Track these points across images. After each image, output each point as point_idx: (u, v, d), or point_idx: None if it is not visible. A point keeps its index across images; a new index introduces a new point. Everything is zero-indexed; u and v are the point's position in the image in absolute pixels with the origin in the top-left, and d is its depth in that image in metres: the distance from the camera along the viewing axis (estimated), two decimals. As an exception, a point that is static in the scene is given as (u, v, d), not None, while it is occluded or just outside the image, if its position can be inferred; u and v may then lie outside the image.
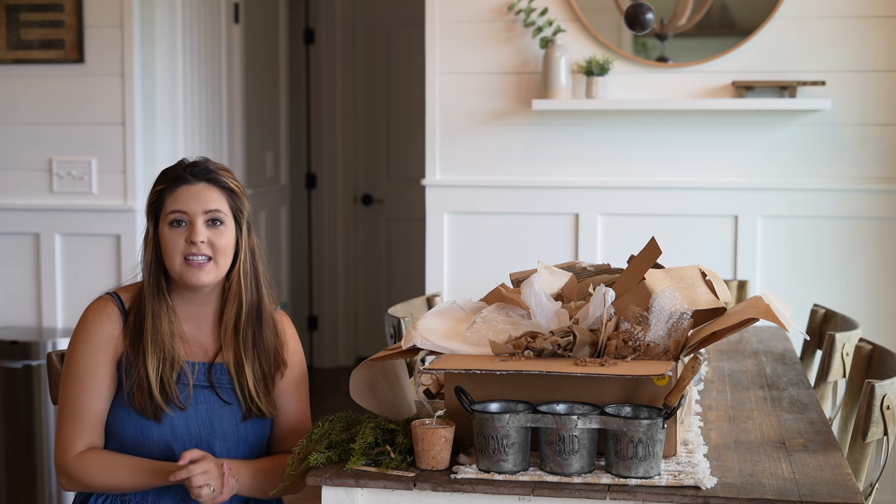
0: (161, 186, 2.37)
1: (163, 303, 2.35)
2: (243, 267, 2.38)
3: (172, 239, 2.32)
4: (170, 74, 4.66)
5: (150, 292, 2.35)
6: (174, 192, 2.35)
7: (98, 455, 2.32)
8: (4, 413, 4.33)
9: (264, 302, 2.42)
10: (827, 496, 1.94)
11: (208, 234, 2.33)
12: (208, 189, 2.35)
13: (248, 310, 2.39)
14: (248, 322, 2.39)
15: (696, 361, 2.10)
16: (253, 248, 2.41)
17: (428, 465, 2.07)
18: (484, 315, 2.37)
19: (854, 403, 2.92)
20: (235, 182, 2.41)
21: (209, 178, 2.37)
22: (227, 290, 2.39)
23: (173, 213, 2.33)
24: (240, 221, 2.38)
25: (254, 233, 2.43)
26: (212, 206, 2.34)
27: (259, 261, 2.43)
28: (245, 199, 2.41)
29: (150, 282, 2.36)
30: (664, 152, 4.25)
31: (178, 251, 2.32)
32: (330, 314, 6.92)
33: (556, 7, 4.24)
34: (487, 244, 4.35)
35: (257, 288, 2.41)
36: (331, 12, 6.77)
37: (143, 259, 2.38)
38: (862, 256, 4.17)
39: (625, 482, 1.99)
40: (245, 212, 2.40)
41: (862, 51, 4.11)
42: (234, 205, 2.38)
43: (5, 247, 4.56)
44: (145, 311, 2.34)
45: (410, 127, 6.66)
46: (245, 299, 2.39)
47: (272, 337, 2.43)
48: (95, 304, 2.38)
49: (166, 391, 2.31)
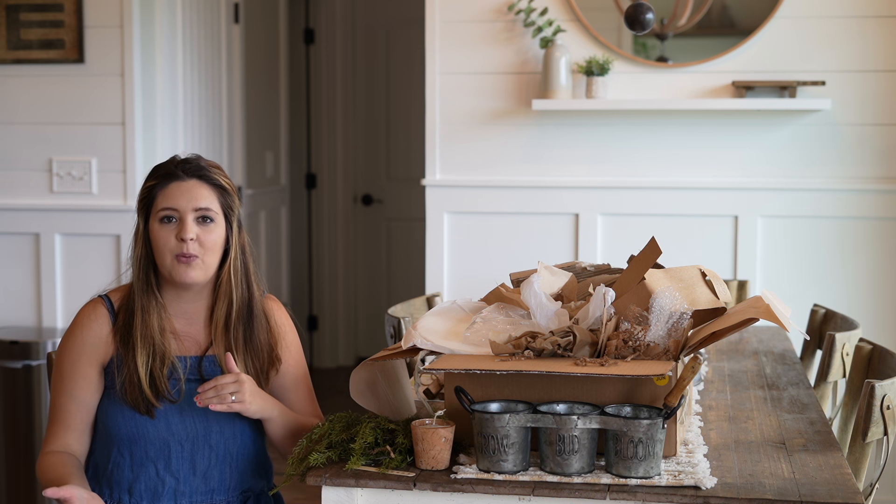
0: (152, 182, 2.37)
1: (152, 298, 2.36)
2: (234, 264, 2.39)
3: (163, 236, 2.33)
4: (170, 74, 4.66)
5: (139, 288, 2.36)
6: (165, 188, 2.35)
7: (53, 457, 2.33)
8: (4, 413, 4.33)
9: (255, 299, 2.43)
10: (827, 496, 1.94)
11: (198, 230, 2.33)
12: (199, 186, 2.36)
13: (238, 307, 2.40)
14: (239, 319, 2.40)
15: (696, 361, 2.10)
16: (243, 245, 2.42)
17: (428, 465, 2.07)
18: (484, 315, 2.37)
19: (854, 403, 2.92)
20: (227, 179, 2.41)
21: (200, 175, 2.37)
22: (218, 287, 2.40)
23: (164, 209, 2.34)
24: (230, 219, 2.39)
25: (244, 230, 2.43)
26: (202, 204, 2.34)
27: (249, 258, 2.43)
28: (236, 196, 2.41)
29: (139, 277, 2.36)
30: (664, 152, 4.25)
31: (169, 248, 2.32)
32: (330, 314, 6.92)
33: (556, 7, 4.24)
34: (487, 244, 4.35)
35: (248, 285, 2.42)
36: (331, 12, 6.77)
37: (133, 255, 2.39)
38: (862, 256, 4.17)
39: (625, 482, 1.99)
40: (236, 209, 2.40)
41: (862, 51, 4.11)
42: (225, 202, 2.38)
43: (5, 247, 4.56)
44: (135, 307, 2.35)
45: (410, 127, 6.66)
46: (236, 297, 2.39)
47: (264, 334, 2.43)
48: (85, 308, 2.41)
49: (156, 386, 2.32)
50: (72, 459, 2.34)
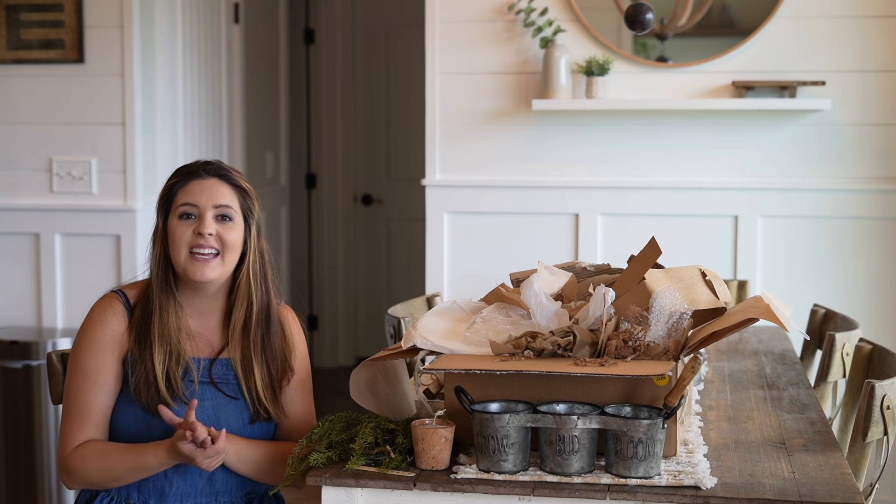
0: (174, 180, 2.39)
1: (170, 297, 2.35)
2: (252, 267, 2.39)
3: (180, 231, 2.33)
4: (170, 74, 4.66)
5: (157, 286, 2.35)
6: (186, 185, 2.36)
7: (91, 445, 2.32)
8: (4, 413, 4.33)
9: (272, 305, 2.43)
10: (827, 496, 1.94)
11: (217, 228, 2.33)
12: (219, 185, 2.37)
13: (257, 311, 2.39)
14: (258, 323, 2.39)
15: (696, 361, 2.10)
16: (262, 250, 2.42)
17: (428, 465, 2.07)
18: (484, 315, 2.37)
19: (854, 403, 2.92)
20: (247, 183, 2.43)
21: (221, 174, 2.38)
22: (236, 289, 2.39)
23: (183, 205, 2.34)
24: (249, 221, 2.39)
25: (263, 236, 2.44)
26: (222, 202, 2.35)
27: (268, 264, 2.43)
28: (256, 200, 2.43)
29: (157, 276, 2.36)
30: (664, 152, 4.25)
31: (185, 243, 2.32)
32: (330, 314, 6.92)
33: (556, 7, 4.24)
34: (487, 244, 4.35)
35: (266, 290, 2.41)
36: (331, 12, 6.77)
37: (152, 254, 2.39)
38: (862, 256, 4.17)
39: (625, 482, 1.99)
40: (255, 213, 2.41)
41: (862, 51, 4.11)
42: (245, 204, 2.39)
43: (5, 247, 4.56)
44: (153, 306, 2.34)
45: (410, 127, 6.66)
46: (255, 300, 2.39)
47: (280, 341, 2.43)
48: (101, 302, 2.39)
49: (172, 385, 2.31)
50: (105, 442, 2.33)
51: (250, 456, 2.35)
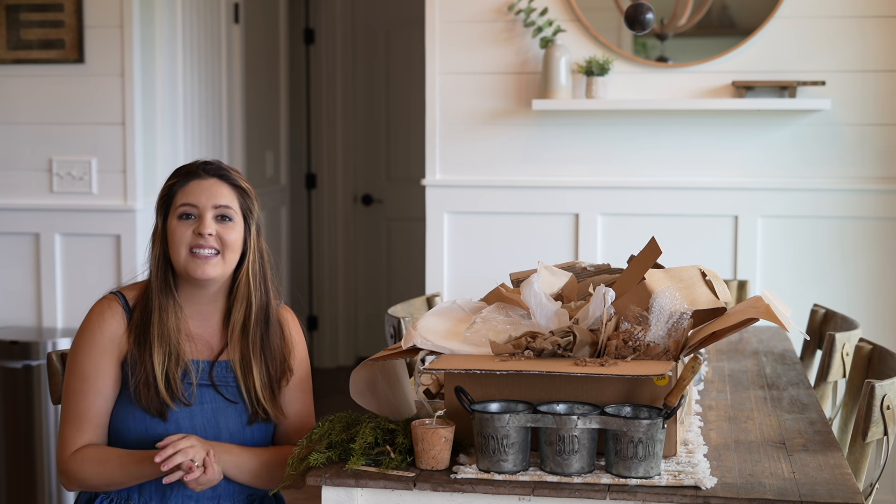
0: (173, 181, 2.38)
1: (170, 298, 2.35)
2: (252, 267, 2.39)
3: (180, 231, 2.33)
4: (170, 74, 4.66)
5: (157, 287, 2.35)
6: (185, 185, 2.36)
7: (91, 450, 2.31)
8: (4, 413, 4.33)
9: (272, 306, 2.43)
10: (827, 496, 1.94)
11: (217, 228, 2.33)
12: (219, 185, 2.37)
13: (256, 311, 2.39)
14: (257, 324, 2.39)
15: (696, 361, 2.10)
16: (262, 250, 2.42)
17: (428, 465, 2.07)
18: (484, 315, 2.37)
19: (854, 403, 2.92)
20: (247, 183, 2.43)
21: (221, 174, 2.38)
22: (236, 289, 2.39)
23: (183, 205, 2.34)
24: (248, 221, 2.39)
25: (263, 237, 2.44)
26: (222, 202, 2.35)
27: (267, 265, 2.43)
28: (255, 201, 2.43)
29: (157, 276, 2.36)
30: (664, 152, 4.25)
31: (185, 242, 2.32)
32: (330, 314, 6.92)
33: (556, 7, 4.24)
34: (487, 244, 4.35)
35: (266, 290, 2.41)
36: (331, 12, 6.77)
37: (151, 255, 2.38)
38: (862, 256, 4.17)
39: (625, 482, 1.99)
40: (254, 213, 2.41)
41: (862, 51, 4.11)
42: (245, 204, 2.39)
43: (5, 247, 4.56)
44: (152, 306, 2.34)
45: (410, 127, 6.66)
46: (254, 300, 2.39)
47: (279, 341, 2.43)
48: (99, 304, 2.38)
49: (171, 387, 2.31)
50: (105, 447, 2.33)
51: (249, 466, 2.35)
